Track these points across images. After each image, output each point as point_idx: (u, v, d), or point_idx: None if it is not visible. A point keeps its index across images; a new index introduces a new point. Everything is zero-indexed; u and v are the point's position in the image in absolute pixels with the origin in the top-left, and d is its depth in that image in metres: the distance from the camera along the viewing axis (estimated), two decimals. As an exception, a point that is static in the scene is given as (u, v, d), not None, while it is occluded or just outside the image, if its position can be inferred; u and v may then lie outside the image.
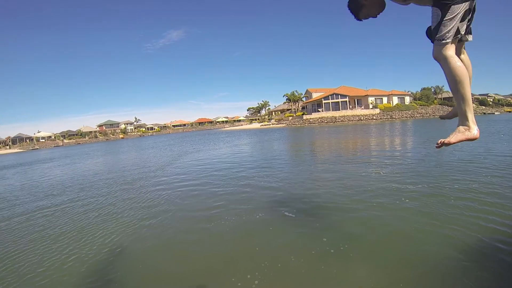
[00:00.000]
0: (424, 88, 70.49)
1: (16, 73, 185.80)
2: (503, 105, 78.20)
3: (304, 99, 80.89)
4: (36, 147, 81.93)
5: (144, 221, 5.69)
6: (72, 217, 6.46)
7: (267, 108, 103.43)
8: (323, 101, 64.03)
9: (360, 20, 2.39)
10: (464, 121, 2.08)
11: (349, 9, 2.39)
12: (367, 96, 62.88)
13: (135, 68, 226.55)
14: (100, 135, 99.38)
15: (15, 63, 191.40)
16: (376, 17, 2.40)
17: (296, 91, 79.98)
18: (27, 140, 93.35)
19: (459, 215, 4.67)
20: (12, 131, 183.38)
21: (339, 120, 57.10)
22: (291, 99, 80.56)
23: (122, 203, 7.14)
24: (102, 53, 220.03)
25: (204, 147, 22.24)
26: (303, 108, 78.29)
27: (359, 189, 6.58)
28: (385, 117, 55.32)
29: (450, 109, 2.64)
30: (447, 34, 2.01)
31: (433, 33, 2.08)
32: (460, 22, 2.03)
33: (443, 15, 2.02)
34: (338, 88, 66.55)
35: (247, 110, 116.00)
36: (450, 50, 2.03)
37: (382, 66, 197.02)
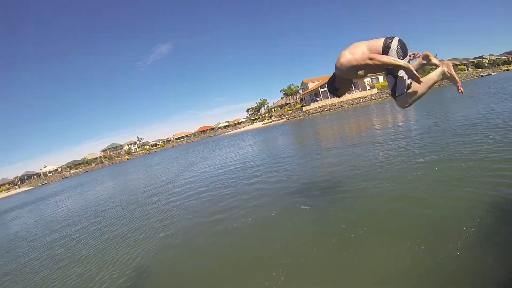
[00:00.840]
0: (418, 60, 70.10)
1: (13, 113, 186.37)
2: (499, 65, 77.90)
3: (301, 91, 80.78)
4: (45, 182, 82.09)
5: (163, 233, 5.72)
6: (91, 243, 6.50)
7: (266, 106, 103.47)
8: (320, 90, 63.89)
9: (339, 96, 3.56)
10: (440, 76, 3.03)
11: (329, 91, 3.48)
12: (362, 77, 62.70)
13: (130, 89, 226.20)
14: (106, 160, 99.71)
15: (10, 104, 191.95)
16: (349, 90, 3.87)
17: (292, 84, 79.95)
18: (35, 177, 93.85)
19: (472, 177, 4.64)
20: (18, 170, 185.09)
21: (339, 106, 56.97)
22: (288, 93, 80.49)
23: (139, 222, 7.16)
24: (94, 80, 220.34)
25: (210, 154, 22.27)
26: (301, 100, 78.19)
27: (369, 168, 6.56)
28: (384, 95, 55.05)
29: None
30: (404, 90, 2.99)
31: (392, 93, 3.07)
32: (408, 80, 2.98)
33: (395, 79, 3.00)
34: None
35: (247, 111, 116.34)
36: (407, 96, 3.02)
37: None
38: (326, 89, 62.43)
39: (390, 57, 2.81)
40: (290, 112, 70.91)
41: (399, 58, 2.87)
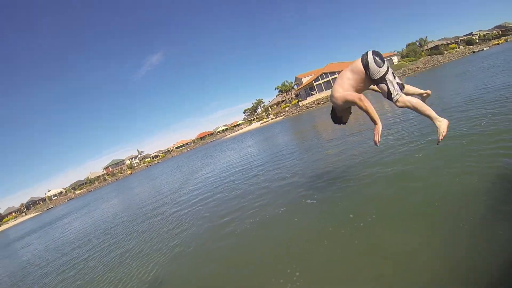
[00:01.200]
0: (409, 44, 70.28)
1: (10, 141, 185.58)
2: (489, 40, 77.99)
3: (295, 86, 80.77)
4: (51, 206, 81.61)
5: (174, 243, 5.73)
6: (104, 261, 6.51)
7: (262, 105, 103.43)
8: (314, 84, 63.95)
9: (345, 123, 4.05)
10: (436, 121, 3.24)
11: (335, 123, 4.03)
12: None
13: (125, 103, 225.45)
14: (109, 177, 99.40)
15: (6, 132, 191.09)
16: (351, 113, 4.00)
17: (286, 81, 79.98)
18: (40, 202, 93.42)
19: (474, 152, 4.64)
20: (23, 197, 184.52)
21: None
22: (283, 90, 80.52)
23: (149, 234, 7.17)
24: (89, 98, 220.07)
25: (212, 159, 22.24)
26: (296, 95, 78.17)
27: (370, 155, 6.57)
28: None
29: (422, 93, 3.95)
30: (398, 93, 3.31)
31: (389, 98, 3.35)
32: (395, 80, 3.35)
33: (387, 85, 3.32)
34: (326, 67, 66.37)
35: (243, 113, 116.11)
36: (403, 97, 3.31)
37: (363, 35, 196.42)
38: (320, 82, 62.66)
39: (374, 111, 3.30)
40: (287, 108, 70.90)
41: (379, 67, 3.31)
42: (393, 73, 3.37)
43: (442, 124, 3.23)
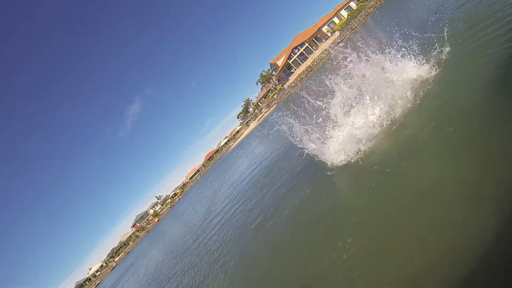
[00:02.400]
0: (360, -15, 69.75)
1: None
2: None
3: (274, 72, 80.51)
4: (97, 282, 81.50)
5: (219, 264, 5.68)
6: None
7: (251, 103, 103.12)
8: (290, 62, 63.77)
9: None
10: None
11: None
12: (319, 29, 62.40)
13: (128, 158, 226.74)
14: (139, 232, 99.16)
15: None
16: None
17: (263, 70, 79.72)
18: (87, 283, 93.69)
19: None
20: (70, 286, 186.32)
21: (315, 65, 56.67)
22: (264, 80, 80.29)
23: (197, 265, 7.21)
24: (90, 173, 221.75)
25: (228, 174, 22.17)
26: (279, 80, 77.94)
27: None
28: (347, 32, 54.65)
29: None
30: None
31: None
32: None
33: None
34: (293, 42, 66.05)
35: (237, 118, 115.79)
36: None
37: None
38: (294, 57, 62.41)
39: None
40: (275, 96, 70.68)
41: None
42: None
43: None
